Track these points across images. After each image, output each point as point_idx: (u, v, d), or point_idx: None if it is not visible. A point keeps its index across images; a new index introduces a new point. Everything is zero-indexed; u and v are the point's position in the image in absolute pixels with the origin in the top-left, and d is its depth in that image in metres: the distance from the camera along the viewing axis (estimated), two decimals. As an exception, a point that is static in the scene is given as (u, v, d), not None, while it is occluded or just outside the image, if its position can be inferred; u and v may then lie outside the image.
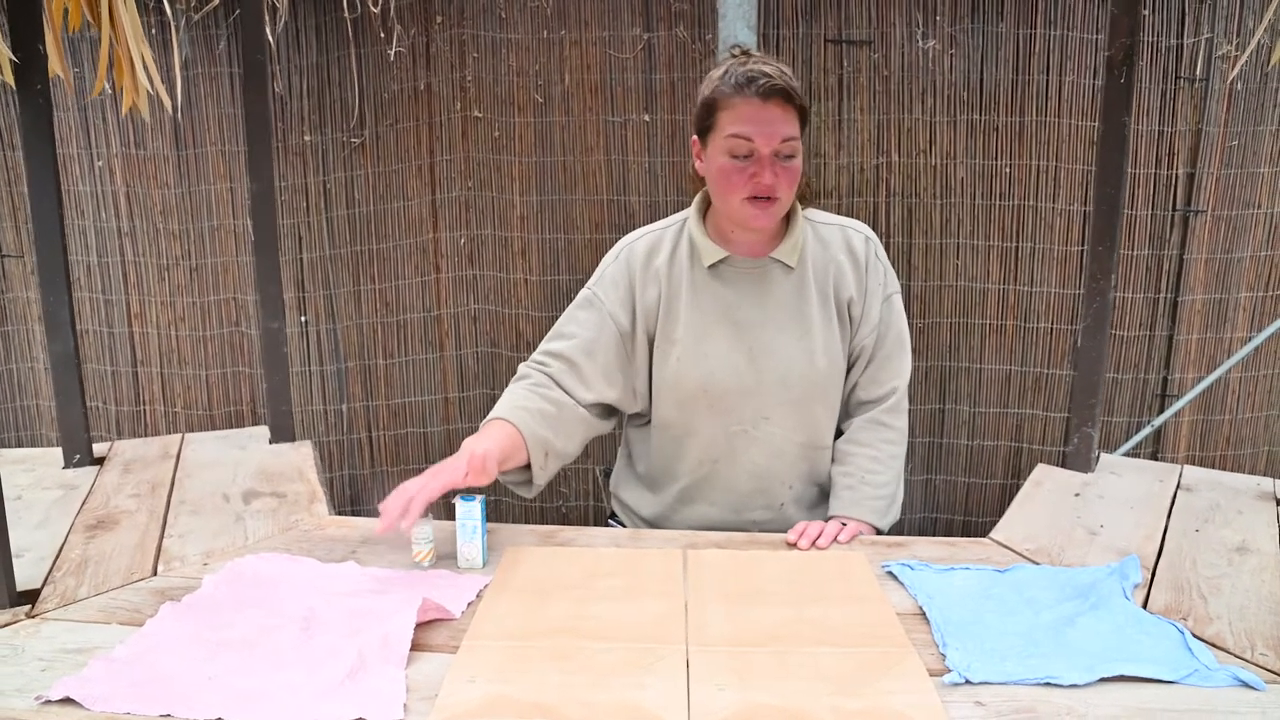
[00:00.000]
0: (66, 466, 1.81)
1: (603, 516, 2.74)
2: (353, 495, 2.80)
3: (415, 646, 1.11)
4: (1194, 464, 1.84)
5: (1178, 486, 1.69)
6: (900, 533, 1.59)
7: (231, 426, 2.75)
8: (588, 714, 0.97)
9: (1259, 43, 1.77)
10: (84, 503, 1.63)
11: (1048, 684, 1.05)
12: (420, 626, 1.15)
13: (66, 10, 1.75)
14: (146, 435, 2.75)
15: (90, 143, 2.62)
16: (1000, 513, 2.58)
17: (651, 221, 1.67)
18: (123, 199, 2.67)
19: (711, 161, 1.48)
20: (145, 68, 1.79)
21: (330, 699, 0.99)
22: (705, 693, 1.01)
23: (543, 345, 1.60)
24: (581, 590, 1.26)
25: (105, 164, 2.64)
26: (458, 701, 0.99)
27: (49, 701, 1.01)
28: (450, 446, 2.80)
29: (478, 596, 1.27)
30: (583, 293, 1.61)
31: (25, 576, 1.32)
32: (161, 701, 0.99)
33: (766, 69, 1.44)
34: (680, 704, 0.99)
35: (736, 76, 1.43)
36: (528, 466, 1.51)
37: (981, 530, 1.52)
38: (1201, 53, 2.31)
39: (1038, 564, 1.40)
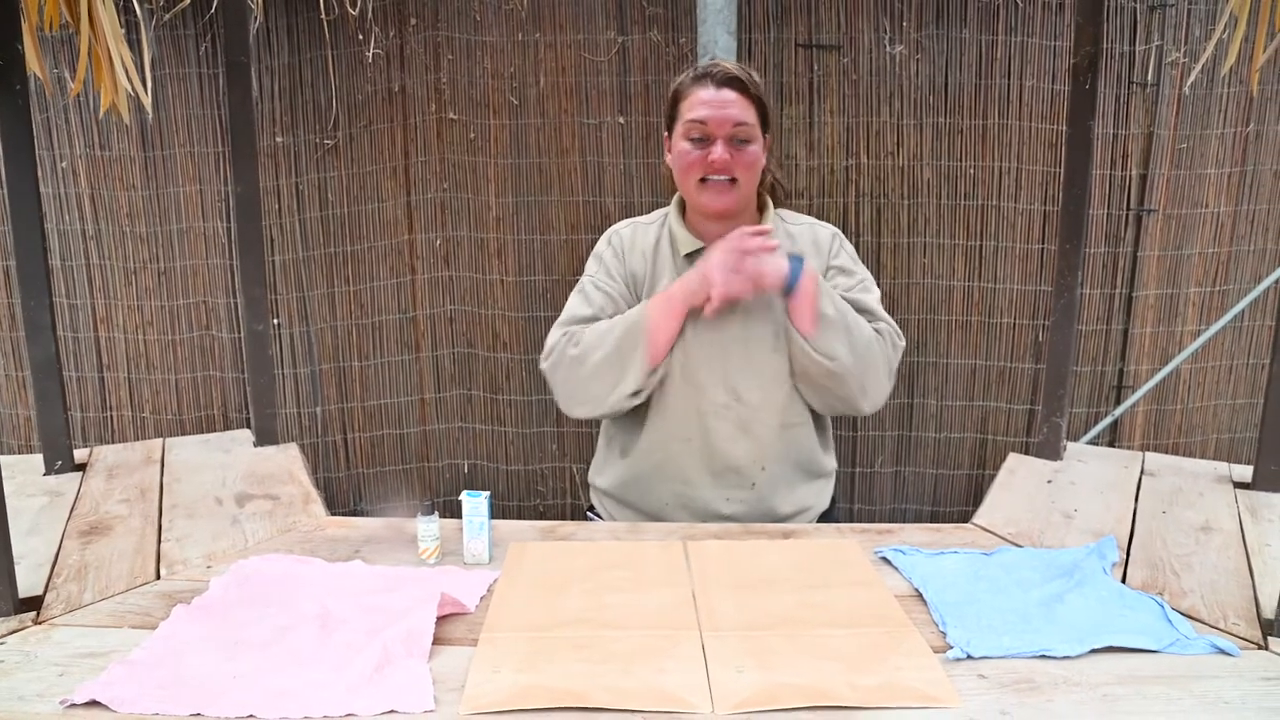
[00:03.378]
0: (48, 473, 1.78)
1: (580, 514, 2.77)
2: (328, 498, 2.78)
3: (434, 641, 1.13)
4: (1149, 451, 1.94)
5: (1141, 472, 1.78)
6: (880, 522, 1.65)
7: (202, 431, 2.72)
8: (615, 699, 1.00)
9: (1209, 53, 1.87)
10: (73, 509, 1.61)
11: (1043, 656, 1.11)
12: (436, 621, 1.17)
13: (43, 8, 1.73)
14: (114, 441, 2.71)
15: (53, 144, 2.57)
16: (967, 502, 2.69)
17: None
18: (87, 201, 2.63)
19: (674, 150, 1.56)
20: (124, 68, 1.78)
21: (361, 693, 1.01)
22: (725, 675, 1.05)
23: (559, 326, 1.62)
24: (591, 582, 1.29)
25: (69, 165, 2.59)
26: (486, 691, 1.02)
27: (74, 705, 1.01)
28: (426, 447, 2.81)
29: (489, 591, 1.29)
30: (582, 280, 1.67)
31: (24, 584, 1.30)
32: (190, 702, 1.00)
33: (725, 64, 1.55)
34: (702, 686, 1.03)
35: (697, 70, 1.55)
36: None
37: (950, 519, 1.58)
38: (1153, 59, 2.42)
39: (1020, 546, 1.47)
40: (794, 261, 1.49)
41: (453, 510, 1.42)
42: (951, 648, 1.12)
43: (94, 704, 1.01)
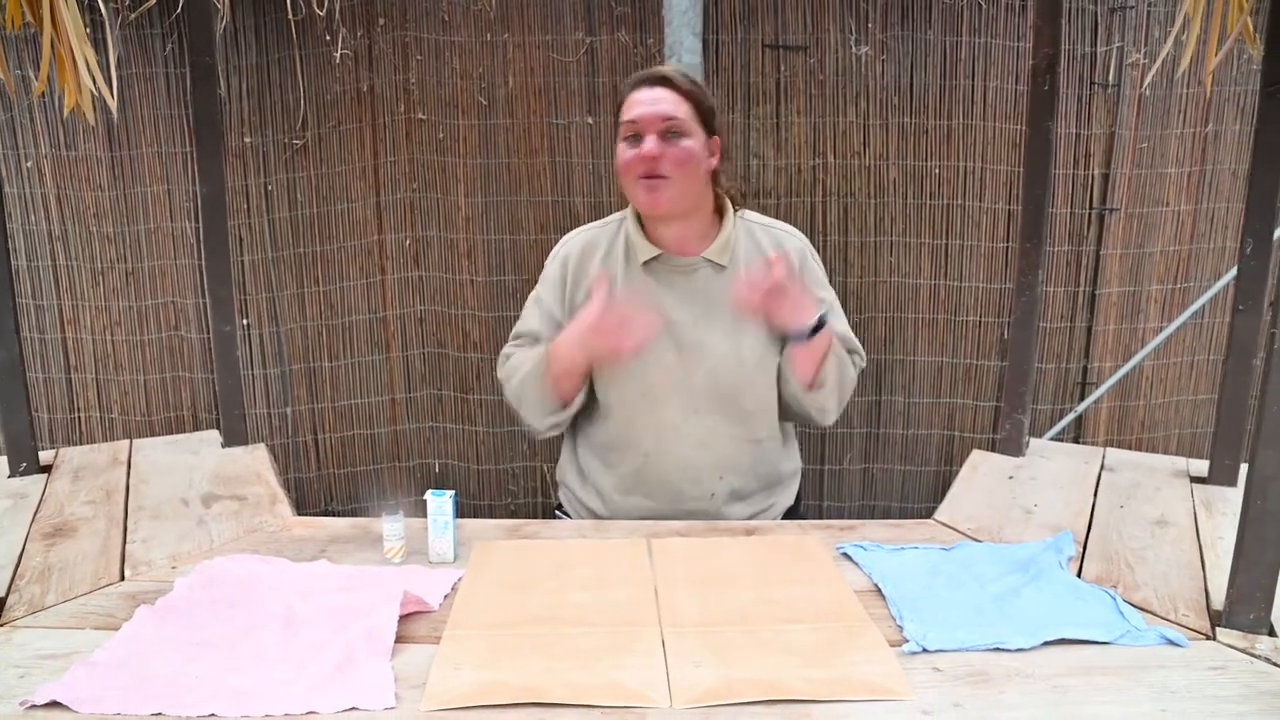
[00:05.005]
0: (12, 475, 1.76)
1: (551, 513, 2.78)
2: (298, 499, 2.77)
3: (397, 639, 1.14)
4: (1113, 447, 1.97)
5: (1101, 467, 1.81)
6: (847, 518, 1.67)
7: (171, 432, 2.70)
8: (575, 694, 1.01)
9: (1166, 54, 1.91)
10: (37, 511, 1.60)
11: (997, 649, 1.14)
12: (400, 620, 1.17)
13: (4, 7, 1.71)
14: (82, 443, 2.68)
15: (18, 143, 2.55)
16: (935, 498, 2.72)
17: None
18: (53, 201, 2.60)
19: (616, 155, 1.58)
20: (88, 68, 1.76)
21: (322, 691, 1.02)
22: (683, 670, 1.06)
23: (511, 338, 1.70)
24: (555, 581, 1.30)
25: (34, 165, 2.56)
26: (448, 688, 1.03)
27: (34, 706, 1.01)
28: (398, 447, 2.81)
29: (453, 589, 1.30)
30: (533, 292, 1.71)
31: (-14, 587, 1.30)
32: (152, 701, 1.00)
33: (661, 68, 1.59)
34: (661, 681, 1.04)
35: (633, 78, 1.58)
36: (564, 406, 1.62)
37: (918, 515, 1.61)
38: (1113, 60, 2.46)
39: (979, 542, 1.50)
40: (821, 317, 1.52)
41: (425, 510, 1.42)
42: (908, 641, 1.14)
43: (55, 705, 1.01)
